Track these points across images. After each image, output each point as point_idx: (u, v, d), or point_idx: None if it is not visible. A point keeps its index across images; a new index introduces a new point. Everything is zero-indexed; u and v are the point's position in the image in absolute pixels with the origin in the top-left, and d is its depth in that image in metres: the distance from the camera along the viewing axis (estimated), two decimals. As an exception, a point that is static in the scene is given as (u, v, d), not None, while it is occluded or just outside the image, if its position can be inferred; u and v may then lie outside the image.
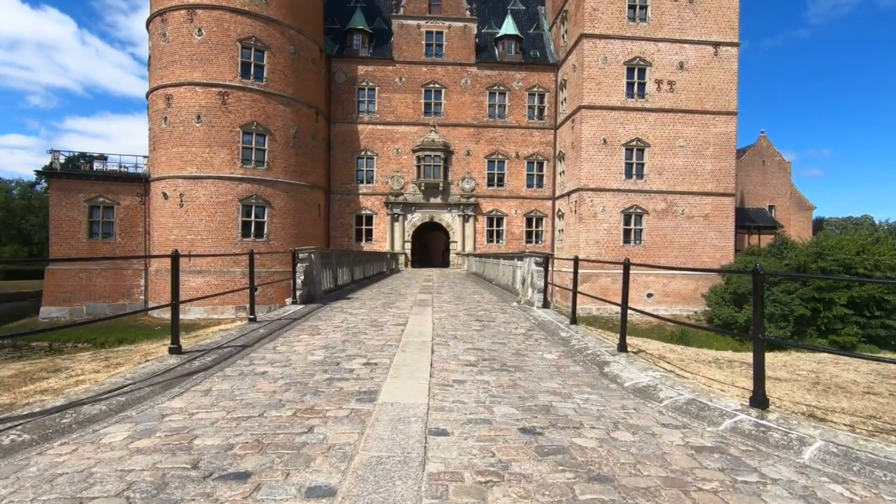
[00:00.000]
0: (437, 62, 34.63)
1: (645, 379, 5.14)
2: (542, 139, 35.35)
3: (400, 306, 11.09)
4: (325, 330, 7.88)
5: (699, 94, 30.94)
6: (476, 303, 12.22)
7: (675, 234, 31.03)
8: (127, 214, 30.26)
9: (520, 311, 10.45)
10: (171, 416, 3.89)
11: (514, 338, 7.54)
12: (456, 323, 8.81)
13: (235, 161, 28.53)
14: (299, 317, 9.08)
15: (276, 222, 29.75)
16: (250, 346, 6.52)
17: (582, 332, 7.79)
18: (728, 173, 31.31)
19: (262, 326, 7.79)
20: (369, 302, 11.93)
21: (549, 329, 8.32)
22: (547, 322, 8.92)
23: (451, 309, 10.79)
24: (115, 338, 26.45)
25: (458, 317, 9.60)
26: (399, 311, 10.16)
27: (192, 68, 28.03)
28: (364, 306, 11.03)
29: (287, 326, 8.10)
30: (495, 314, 10.09)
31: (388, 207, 34.81)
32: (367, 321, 8.82)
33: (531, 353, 6.47)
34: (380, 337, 7.34)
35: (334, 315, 9.51)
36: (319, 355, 6.09)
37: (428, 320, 8.99)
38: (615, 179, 30.77)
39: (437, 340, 7.13)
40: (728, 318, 27.34)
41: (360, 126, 34.67)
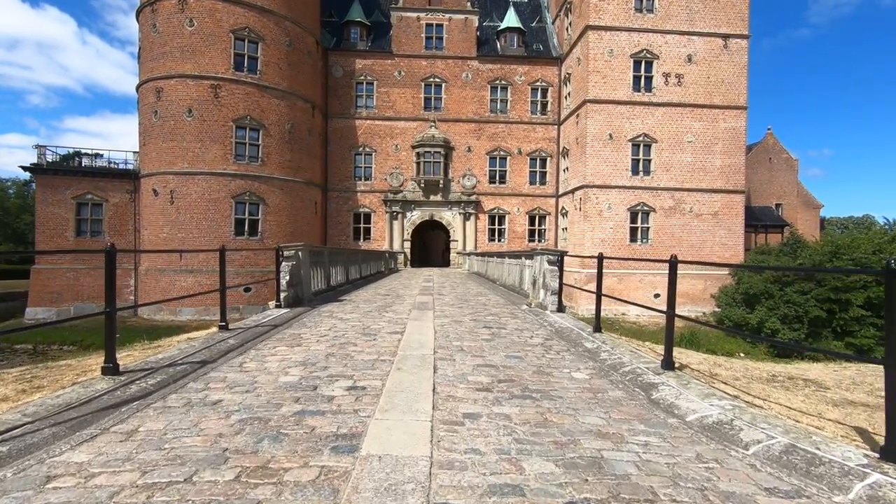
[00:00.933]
0: (438, 56, 33.38)
1: (713, 410, 3.90)
2: (546, 135, 34.10)
3: (397, 310, 9.85)
4: (308, 340, 6.64)
5: (708, 87, 29.70)
6: (482, 306, 10.97)
7: (683, 232, 29.80)
8: (116, 212, 29.02)
9: (532, 316, 9.22)
10: (58, 482, 2.65)
11: (532, 350, 6.30)
12: (461, 330, 7.57)
13: (228, 156, 27.28)
14: (281, 323, 7.84)
15: (270, 220, 28.48)
16: (212, 363, 5.27)
17: (611, 343, 6.55)
18: (738, 170, 30.09)
19: (234, 336, 6.55)
20: (363, 305, 10.68)
21: (569, 338, 7.08)
22: (566, 329, 7.68)
23: (454, 313, 9.55)
24: (101, 340, 25.19)
25: (464, 323, 8.36)
26: (396, 316, 8.92)
27: (183, 60, 26.78)
28: (357, 310, 9.79)
29: (264, 335, 6.86)
30: (505, 319, 8.85)
31: (387, 205, 33.55)
32: (358, 328, 7.58)
33: (556, 372, 5.23)
34: (372, 349, 6.10)
35: (322, 321, 8.26)
36: (294, 375, 4.85)
37: (429, 327, 7.75)
38: (621, 176, 29.53)
39: (439, 354, 5.89)
40: (739, 320, 26.13)
41: (357, 121, 33.41)
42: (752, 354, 26.30)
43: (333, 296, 12.18)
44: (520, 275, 13.50)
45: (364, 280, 18.40)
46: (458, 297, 13.03)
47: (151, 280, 27.62)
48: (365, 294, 13.13)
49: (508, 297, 12.81)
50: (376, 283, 17.49)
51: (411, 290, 15.02)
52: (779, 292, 25.97)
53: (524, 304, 10.86)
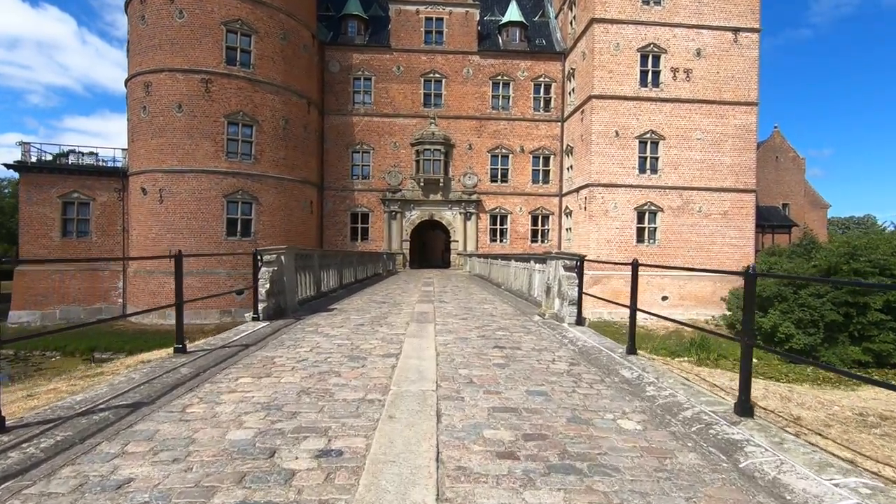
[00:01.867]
0: (438, 50, 32.08)
1: (848, 499, 2.63)
2: (549, 132, 32.82)
3: (393, 322, 8.57)
4: (282, 367, 5.36)
5: (717, 83, 28.44)
6: (489, 316, 9.70)
7: (691, 232, 28.54)
8: (104, 212, 27.75)
9: (548, 331, 7.94)
10: None
11: (557, 381, 5.02)
12: (468, 351, 6.29)
13: (220, 154, 25.98)
14: (254, 342, 6.56)
15: (264, 220, 27.19)
16: (147, 405, 4.00)
17: (652, 370, 5.28)
18: (748, 168, 28.82)
19: (190, 362, 5.26)
20: (356, 315, 9.40)
21: (599, 362, 5.81)
22: (592, 350, 6.41)
23: (458, 327, 8.27)
24: (86, 345, 23.95)
25: (470, 340, 7.07)
26: (391, 332, 7.64)
27: (172, 53, 25.49)
28: (347, 322, 8.51)
29: (228, 360, 5.57)
30: (518, 335, 7.58)
31: (385, 205, 32.26)
32: (346, 349, 6.30)
33: (597, 419, 3.95)
34: (358, 382, 4.82)
35: (304, 338, 6.98)
36: (250, 428, 3.58)
37: (430, 347, 6.48)
38: (628, 174, 28.26)
39: (444, 388, 4.62)
40: (751, 324, 24.85)
41: (355, 118, 32.11)
42: (765, 360, 25.14)
43: (323, 304, 10.90)
44: (528, 280, 12.23)
45: (360, 284, 17.12)
46: (462, 304, 11.75)
47: (140, 282, 26.32)
48: (359, 301, 11.84)
49: (517, 305, 11.53)
50: (373, 288, 16.20)
51: (410, 295, 13.75)
52: (792, 295, 24.75)
53: (536, 315, 9.59)
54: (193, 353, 5.63)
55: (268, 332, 7.24)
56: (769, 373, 22.26)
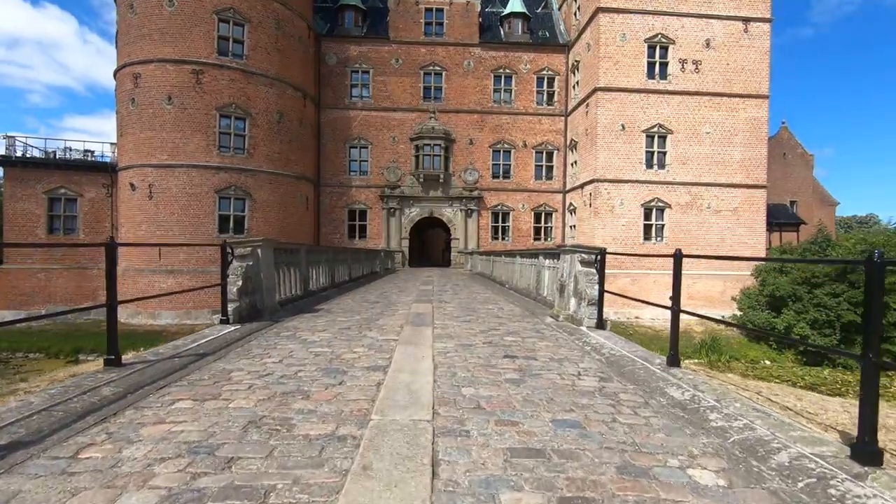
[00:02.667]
0: (438, 42, 30.88)
1: None
2: (552, 127, 31.62)
3: (385, 326, 7.39)
4: (237, 385, 4.18)
5: (727, 74, 27.24)
6: (494, 318, 8.51)
7: (700, 230, 27.36)
8: (92, 208, 26.56)
9: (565, 336, 6.76)
10: None
11: (591, 405, 3.84)
12: (473, 362, 5.11)
13: (211, 148, 24.80)
14: (214, 350, 5.38)
15: (257, 216, 26.01)
16: (27, 446, 2.82)
17: (707, 388, 4.10)
18: (759, 163, 27.62)
19: (120, 379, 4.09)
20: (343, 317, 8.22)
21: (636, 376, 4.63)
22: (623, 359, 5.24)
23: (460, 330, 7.09)
24: (71, 346, 22.79)
25: (475, 347, 5.89)
26: (382, 337, 6.45)
27: (162, 43, 24.33)
28: (332, 326, 7.32)
29: (172, 376, 4.39)
30: (531, 340, 6.39)
31: (384, 201, 31.06)
32: (323, 360, 5.12)
33: (658, 466, 2.78)
34: (331, 407, 3.64)
35: (276, 345, 5.80)
36: (155, 489, 2.40)
37: (426, 356, 5.29)
38: (634, 169, 27.07)
39: (442, 418, 3.44)
40: (764, 324, 23.71)
41: (352, 112, 30.91)
42: (779, 361, 23.97)
43: (309, 304, 9.73)
44: (536, 278, 11.05)
45: (354, 283, 15.94)
46: (464, 304, 10.56)
47: (129, 280, 25.12)
48: (350, 301, 10.66)
49: (524, 304, 10.35)
50: (367, 287, 15.03)
51: (407, 294, 12.57)
52: (807, 294, 23.60)
53: (548, 317, 8.41)
54: (129, 367, 4.45)
55: (235, 337, 6.07)
56: (785, 376, 21.10)
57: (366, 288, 14.46)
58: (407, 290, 13.74)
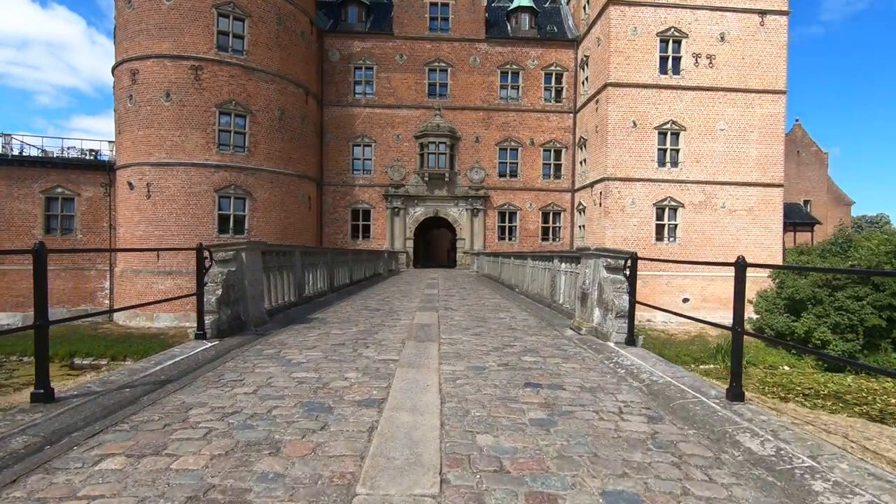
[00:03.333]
0: (443, 38, 29.94)
1: None
2: (561, 124, 30.63)
3: (384, 341, 6.47)
4: (192, 430, 3.28)
5: (742, 69, 26.16)
6: (507, 330, 7.57)
7: (714, 230, 26.29)
8: (90, 207, 25.83)
9: (591, 354, 5.82)
10: None
11: (646, 461, 2.91)
12: (489, 395, 4.18)
13: (211, 146, 24.01)
14: (179, 375, 4.48)
15: (258, 216, 25.20)
16: None
17: (793, 437, 3.16)
18: (775, 161, 26.52)
19: (46, 421, 3.19)
20: (338, 330, 7.30)
21: (691, 416, 3.69)
22: (668, 388, 4.30)
23: (471, 348, 6.16)
24: (66, 350, 22.03)
25: (489, 371, 4.96)
26: (379, 356, 5.53)
27: (160, 39, 23.57)
28: (325, 341, 6.42)
29: (113, 416, 3.50)
30: (552, 360, 5.45)
31: (388, 200, 30.17)
32: (306, 390, 4.21)
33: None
34: (304, 469, 2.72)
35: (254, 368, 4.89)
36: None
37: (431, 384, 4.37)
38: (646, 168, 26.04)
39: (454, 489, 2.52)
40: (783, 329, 22.65)
41: (356, 109, 30.04)
42: (798, 367, 22.90)
43: (304, 312, 8.83)
44: (551, 283, 10.11)
45: (355, 286, 15.05)
46: (472, 312, 9.63)
47: (127, 282, 24.42)
48: (348, 308, 9.75)
49: (538, 313, 9.41)
50: (369, 291, 14.13)
51: (411, 299, 11.67)
52: (828, 298, 22.51)
53: (568, 329, 7.47)
54: (62, 404, 3.56)
55: (208, 356, 5.17)
56: (807, 384, 20.05)
57: (367, 292, 13.57)
58: (410, 295, 12.84)
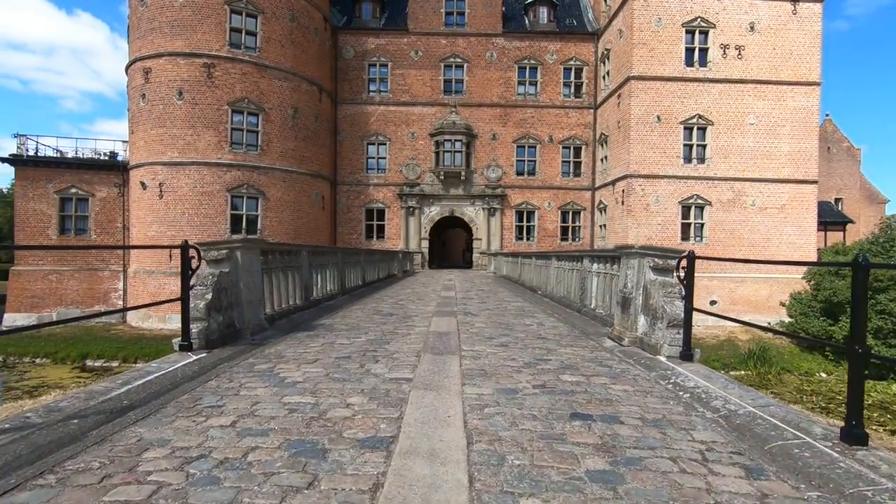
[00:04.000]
0: (459, 33, 29.06)
1: None
2: (580, 120, 29.50)
3: (397, 353, 5.58)
4: (137, 487, 2.43)
5: (774, 60, 24.75)
6: (538, 340, 6.63)
7: (743, 229, 24.92)
8: (104, 207, 25.52)
9: (642, 372, 4.86)
10: None
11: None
12: (527, 431, 3.25)
13: (223, 144, 23.50)
14: (148, 399, 3.66)
15: (271, 216, 24.61)
16: None
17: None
18: (809, 156, 25.06)
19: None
20: (345, 339, 6.45)
21: (799, 464, 2.72)
22: (755, 423, 3.33)
23: (497, 362, 5.24)
24: (78, 352, 21.67)
25: (524, 397, 4.03)
26: (390, 374, 4.65)
27: (172, 36, 23.12)
28: (328, 353, 5.56)
29: (47, 460, 2.67)
30: (598, 380, 4.51)
31: (403, 200, 29.37)
32: (297, 423, 3.33)
33: None
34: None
35: (239, 390, 4.05)
36: None
37: (453, 416, 3.47)
38: (671, 164, 24.81)
39: None
40: (820, 334, 21.24)
41: (370, 107, 29.32)
42: (836, 374, 21.48)
43: (310, 317, 8.01)
44: (581, 285, 9.13)
45: (368, 288, 14.24)
46: (495, 318, 8.71)
47: (140, 283, 24.02)
48: (359, 313, 8.91)
49: (568, 319, 8.45)
50: (382, 293, 13.30)
51: (426, 303, 10.79)
52: (869, 300, 21.05)
53: (606, 338, 6.51)
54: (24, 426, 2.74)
55: (189, 373, 4.35)
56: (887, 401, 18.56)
57: (380, 294, 12.73)
58: (426, 298, 11.97)
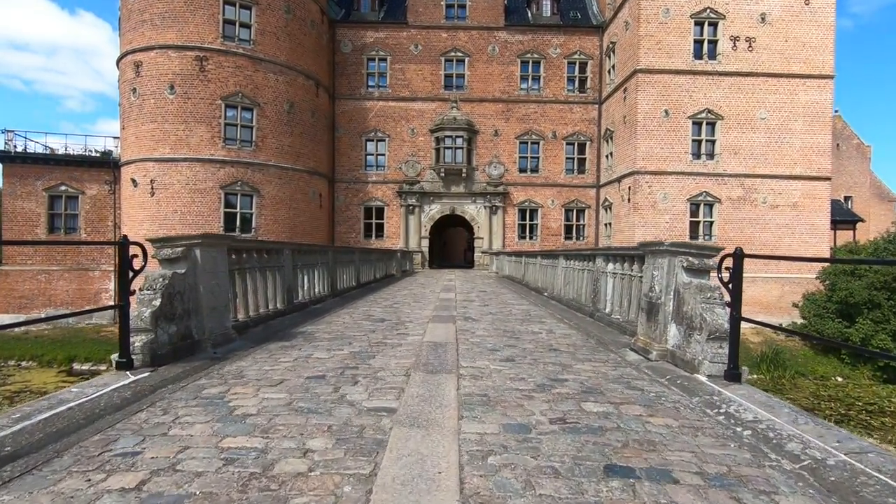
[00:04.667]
0: (460, 26, 28.11)
1: None
2: (585, 116, 28.53)
3: (381, 372, 4.64)
4: None
5: (785, 53, 23.75)
6: (550, 352, 5.68)
7: (754, 227, 23.93)
8: (94, 205, 24.67)
9: (681, 396, 3.92)
10: None
11: None
12: (549, 499, 2.33)
13: (216, 140, 22.61)
14: (45, 442, 2.73)
15: (266, 214, 23.72)
16: None
17: None
18: (822, 152, 24.06)
19: None
20: (322, 353, 5.51)
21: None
22: (855, 480, 2.39)
23: (502, 384, 4.30)
24: (65, 355, 20.81)
25: (539, 438, 3.07)
26: (369, 404, 3.70)
27: (164, 28, 22.23)
28: (297, 371, 4.62)
29: None
30: (632, 412, 3.56)
31: (402, 198, 28.44)
32: (225, 486, 2.40)
33: None
34: None
35: (171, 428, 3.12)
36: None
37: (445, 473, 2.53)
38: (679, 160, 23.84)
39: None
40: (835, 335, 20.27)
41: (369, 103, 28.39)
42: (853, 378, 20.51)
43: (290, 323, 7.09)
44: (593, 287, 8.19)
45: (363, 288, 13.32)
46: (499, 324, 7.78)
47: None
48: (346, 318, 7.98)
49: (579, 324, 7.50)
50: (377, 294, 12.37)
51: (423, 306, 9.87)
52: (887, 301, 20.14)
53: (628, 349, 5.57)
54: None
55: (117, 402, 3.43)
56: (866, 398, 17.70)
57: (374, 296, 11.81)
58: (424, 300, 11.04)
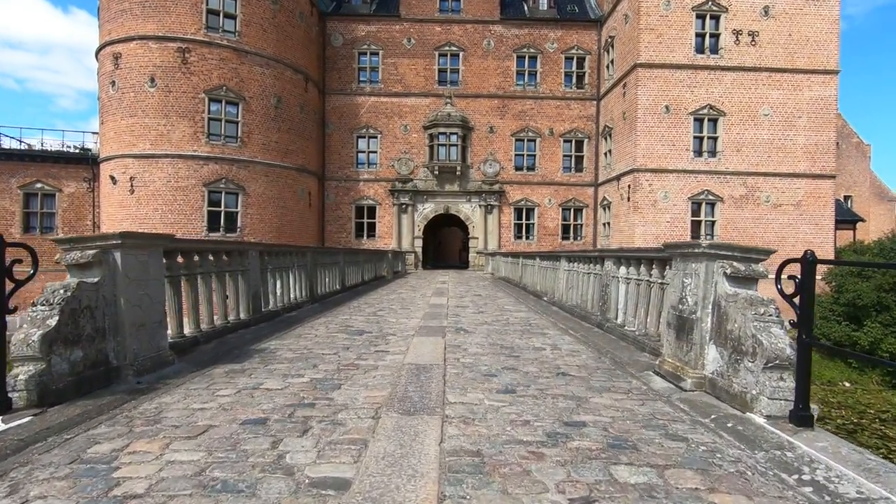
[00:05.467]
0: (454, 20, 27.09)
1: None
2: (582, 112, 27.58)
3: (345, 410, 3.61)
4: None
5: (789, 47, 22.91)
6: (558, 378, 4.66)
7: (756, 227, 23.07)
8: (72, 204, 23.47)
9: (743, 452, 2.91)
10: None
11: None
12: None
13: (199, 135, 21.48)
14: None
15: (252, 213, 22.61)
16: None
17: None
18: (827, 149, 23.24)
19: None
20: (277, 379, 4.46)
21: None
22: None
23: (501, 432, 3.27)
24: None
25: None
26: (312, 471, 2.66)
27: (144, 19, 21.09)
28: (234, 412, 3.57)
29: None
30: (681, 482, 2.54)
31: (395, 196, 27.38)
32: None
33: None
34: None
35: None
36: None
37: None
38: (681, 158, 22.95)
39: None
40: (843, 339, 19.44)
41: (360, 98, 27.31)
42: (861, 383, 19.66)
43: (252, 337, 6.05)
44: (601, 294, 7.20)
45: (348, 292, 12.26)
46: (495, 337, 6.75)
47: (110, 285, 21.93)
48: (321, 329, 6.94)
49: (587, 336, 6.49)
50: (362, 299, 11.32)
51: (411, 313, 8.84)
52: (896, 303, 19.31)
53: (651, 373, 4.57)
54: None
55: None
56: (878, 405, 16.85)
57: (359, 302, 10.76)
58: (412, 306, 10.01)
